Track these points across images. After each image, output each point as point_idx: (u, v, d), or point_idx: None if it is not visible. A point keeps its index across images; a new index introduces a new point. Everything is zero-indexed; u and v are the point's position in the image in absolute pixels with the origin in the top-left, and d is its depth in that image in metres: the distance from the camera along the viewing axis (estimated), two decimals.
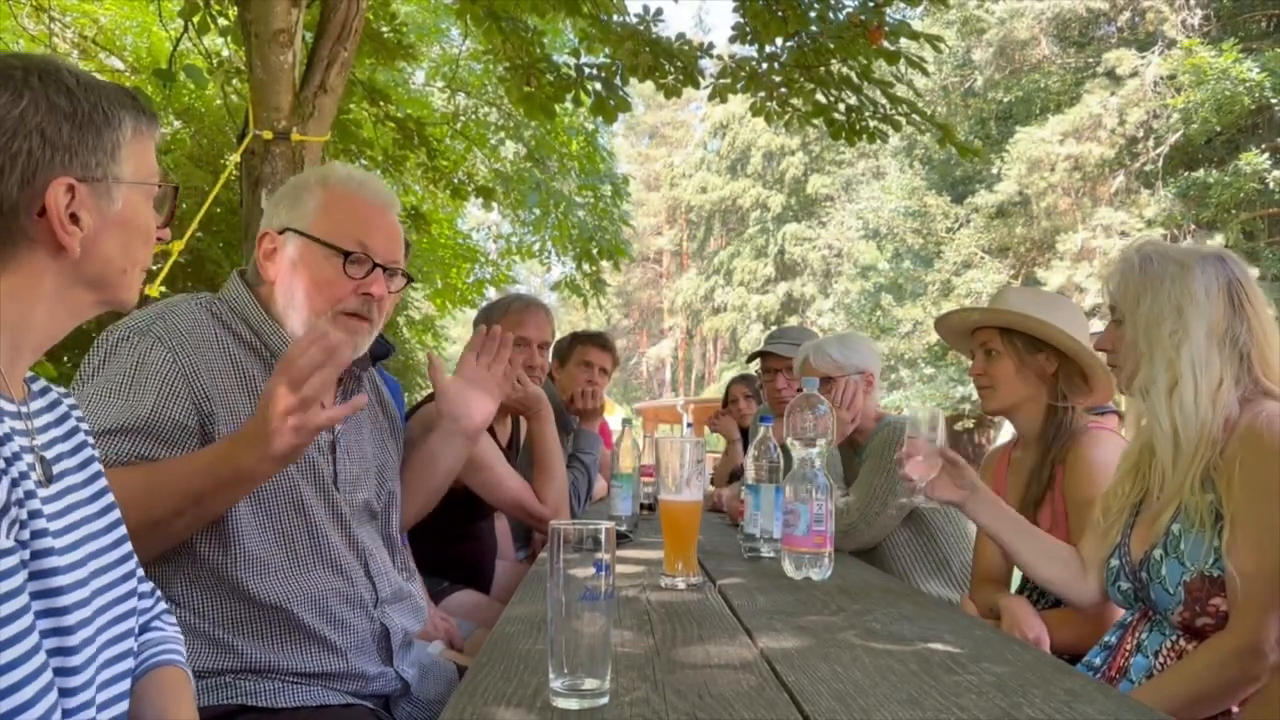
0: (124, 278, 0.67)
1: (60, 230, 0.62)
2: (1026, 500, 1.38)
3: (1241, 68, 12.87)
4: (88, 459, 0.70)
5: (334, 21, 2.68)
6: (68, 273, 0.64)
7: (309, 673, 0.93)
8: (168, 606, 0.78)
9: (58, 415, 0.69)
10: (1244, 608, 0.94)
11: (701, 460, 1.15)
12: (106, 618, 0.65)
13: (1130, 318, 1.06)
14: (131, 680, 0.69)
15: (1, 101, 0.61)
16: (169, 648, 0.74)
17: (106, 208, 0.65)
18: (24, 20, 4.97)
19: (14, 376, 0.63)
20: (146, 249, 0.69)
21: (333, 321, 0.99)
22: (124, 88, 0.69)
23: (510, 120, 6.80)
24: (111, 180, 0.65)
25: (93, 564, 0.64)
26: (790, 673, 0.75)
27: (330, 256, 1.00)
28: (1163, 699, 0.93)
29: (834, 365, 1.81)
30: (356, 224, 1.01)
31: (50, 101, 0.62)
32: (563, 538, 0.65)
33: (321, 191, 1.03)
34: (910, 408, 1.25)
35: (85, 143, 0.63)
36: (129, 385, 0.89)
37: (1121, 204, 14.95)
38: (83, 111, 0.63)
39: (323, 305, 1.00)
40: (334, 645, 0.95)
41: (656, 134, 33.12)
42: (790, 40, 3.52)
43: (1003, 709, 0.67)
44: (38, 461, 0.62)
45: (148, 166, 0.69)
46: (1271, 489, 0.93)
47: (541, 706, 0.65)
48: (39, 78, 0.63)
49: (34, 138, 0.61)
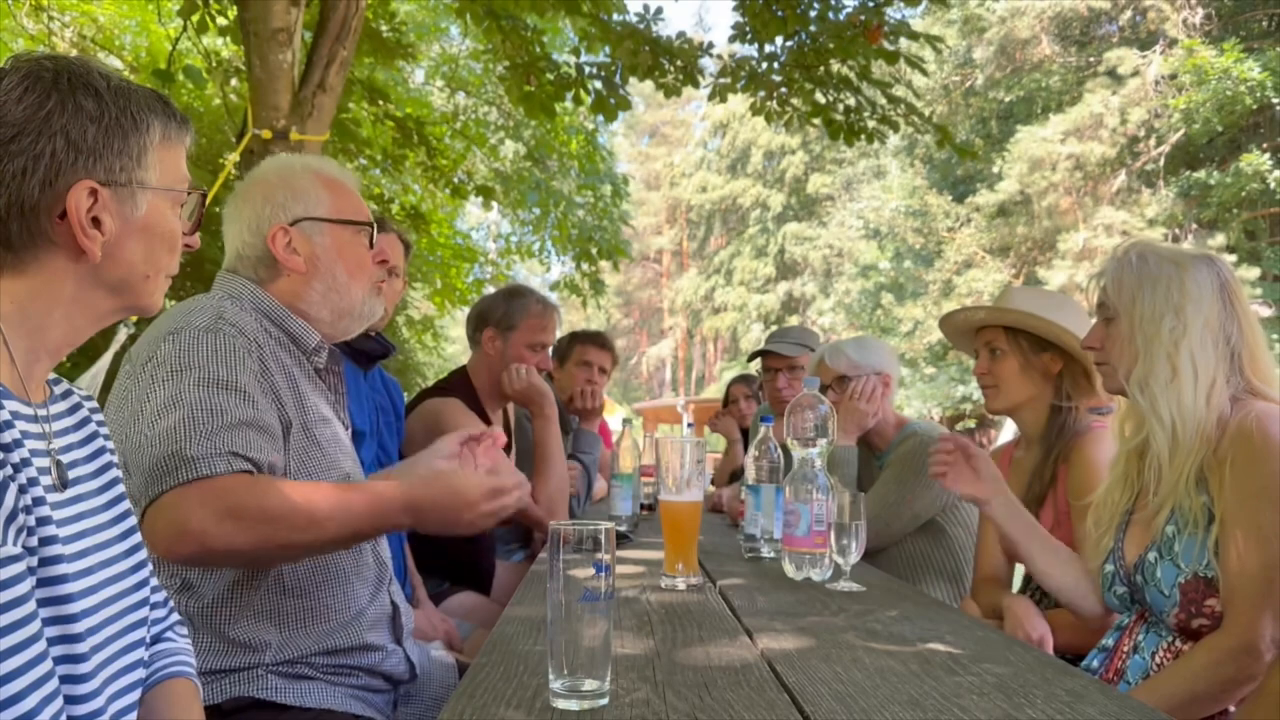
0: (146, 284, 0.66)
1: (81, 234, 0.61)
2: (1028, 499, 1.37)
3: (1243, 67, 12.87)
4: (105, 465, 0.69)
5: (333, 20, 2.67)
6: (88, 277, 0.63)
7: (336, 648, 0.93)
8: (180, 619, 0.78)
9: (78, 419, 0.69)
10: (1237, 607, 0.94)
11: (702, 460, 1.14)
12: (117, 626, 0.64)
13: (1127, 314, 1.06)
14: (142, 691, 0.68)
15: (29, 102, 0.60)
16: (180, 659, 0.73)
17: (130, 213, 0.64)
18: (23, 19, 4.97)
19: (32, 379, 0.62)
20: (172, 255, 0.68)
21: (375, 293, 1.06)
22: (156, 92, 0.68)
23: (510, 119, 6.80)
24: (136, 185, 0.64)
25: (103, 572, 0.64)
26: (791, 674, 0.75)
27: (359, 233, 1.05)
28: (1160, 699, 0.93)
29: (851, 365, 1.80)
30: (360, 203, 1.07)
31: (77, 104, 0.62)
32: (563, 538, 0.65)
33: (317, 178, 1.05)
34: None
35: (111, 147, 0.63)
36: (232, 380, 0.87)
37: (1123, 203, 14.95)
38: (110, 115, 0.63)
39: (365, 279, 1.05)
40: (357, 618, 0.96)
41: (656, 133, 33.11)
42: (790, 40, 3.52)
43: (1004, 710, 0.67)
44: (53, 466, 0.61)
45: (175, 172, 0.68)
46: (1260, 488, 0.94)
47: (541, 708, 0.65)
48: (69, 79, 0.62)
49: (58, 140, 0.60)
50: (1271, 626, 0.92)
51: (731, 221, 26.52)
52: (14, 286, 0.62)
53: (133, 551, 0.69)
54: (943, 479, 1.21)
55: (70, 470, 0.64)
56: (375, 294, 1.08)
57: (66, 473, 0.63)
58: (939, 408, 15.14)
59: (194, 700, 0.72)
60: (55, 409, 0.66)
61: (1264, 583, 0.92)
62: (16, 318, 0.61)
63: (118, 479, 0.70)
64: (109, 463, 0.70)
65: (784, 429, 1.27)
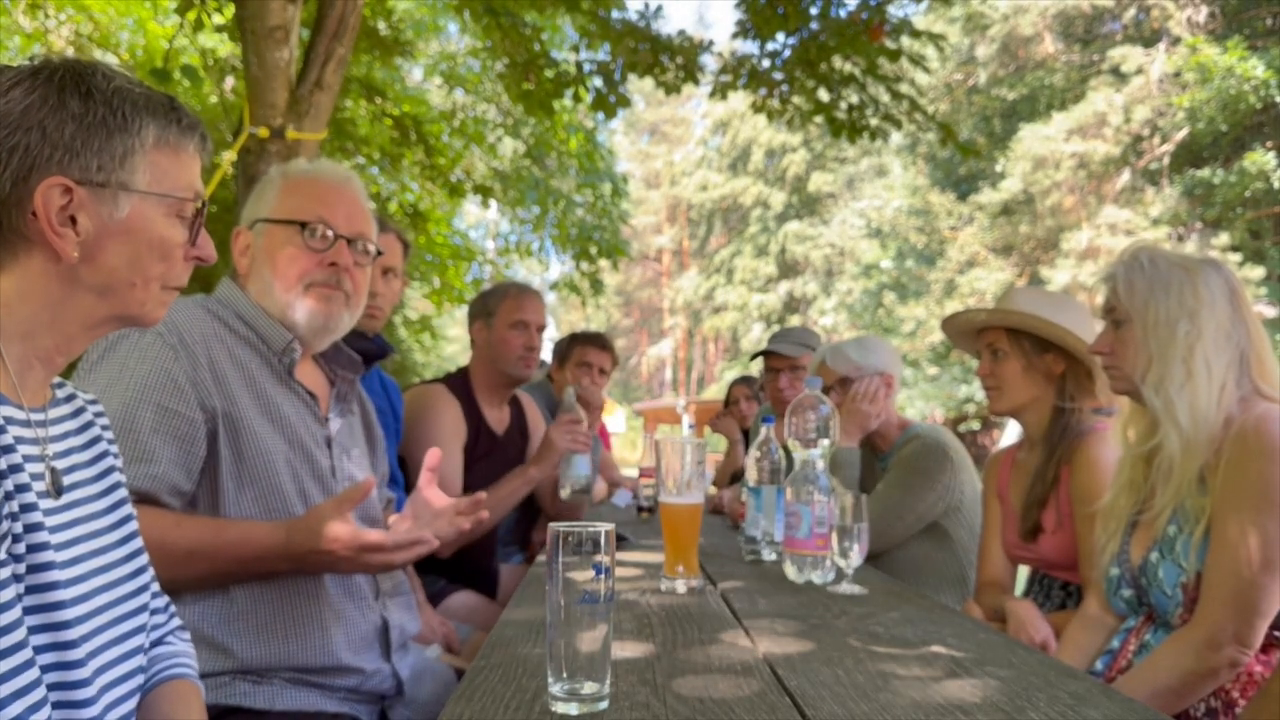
0: (134, 291, 0.64)
1: (49, 230, 0.60)
2: (1031, 500, 1.37)
3: (1247, 65, 12.83)
4: (107, 469, 0.68)
5: (330, 18, 2.66)
6: (68, 277, 0.62)
7: (307, 667, 0.93)
8: (181, 623, 0.77)
9: (80, 424, 0.68)
10: (1205, 600, 0.96)
11: (702, 462, 1.13)
12: (113, 633, 0.63)
13: (1140, 318, 1.06)
14: (141, 694, 0.67)
15: (13, 96, 0.60)
16: (180, 661, 0.73)
17: (109, 214, 0.62)
18: (19, 17, 4.96)
19: (25, 383, 0.61)
20: (164, 264, 0.66)
21: (304, 295, 1.01)
22: (165, 98, 0.66)
23: (509, 117, 6.78)
24: (117, 186, 0.63)
25: (98, 579, 0.63)
26: (792, 677, 0.74)
27: (290, 232, 1.01)
28: (1128, 693, 0.93)
29: (852, 366, 1.79)
30: (314, 200, 1.03)
31: (62, 101, 0.61)
32: (562, 540, 0.64)
33: (280, 180, 1.05)
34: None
35: (90, 145, 0.61)
36: (133, 381, 0.89)
37: (1127, 202, 14.92)
38: (95, 114, 0.61)
39: (291, 279, 1.00)
40: (333, 638, 0.95)
41: (656, 131, 33.07)
42: (791, 36, 3.51)
43: (1006, 713, 0.66)
44: (48, 472, 0.61)
45: (173, 179, 0.66)
46: (1246, 486, 0.95)
47: (540, 711, 0.64)
48: (64, 78, 0.61)
49: (34, 134, 0.60)
50: (1235, 621, 0.94)
51: (732, 220, 26.50)
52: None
53: (132, 557, 0.68)
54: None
55: (69, 475, 0.63)
56: (316, 298, 1.00)
57: (62, 479, 0.62)
58: (941, 408, 15.12)
59: (195, 700, 0.71)
60: (55, 413, 0.65)
61: (1235, 579, 0.94)
62: (6, 320, 0.60)
63: (120, 483, 0.70)
64: (111, 466, 0.69)
65: (785, 430, 1.26)
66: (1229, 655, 0.94)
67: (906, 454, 1.70)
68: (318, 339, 1.04)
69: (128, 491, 0.71)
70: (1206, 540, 0.98)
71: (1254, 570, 0.93)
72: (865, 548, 1.16)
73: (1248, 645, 0.94)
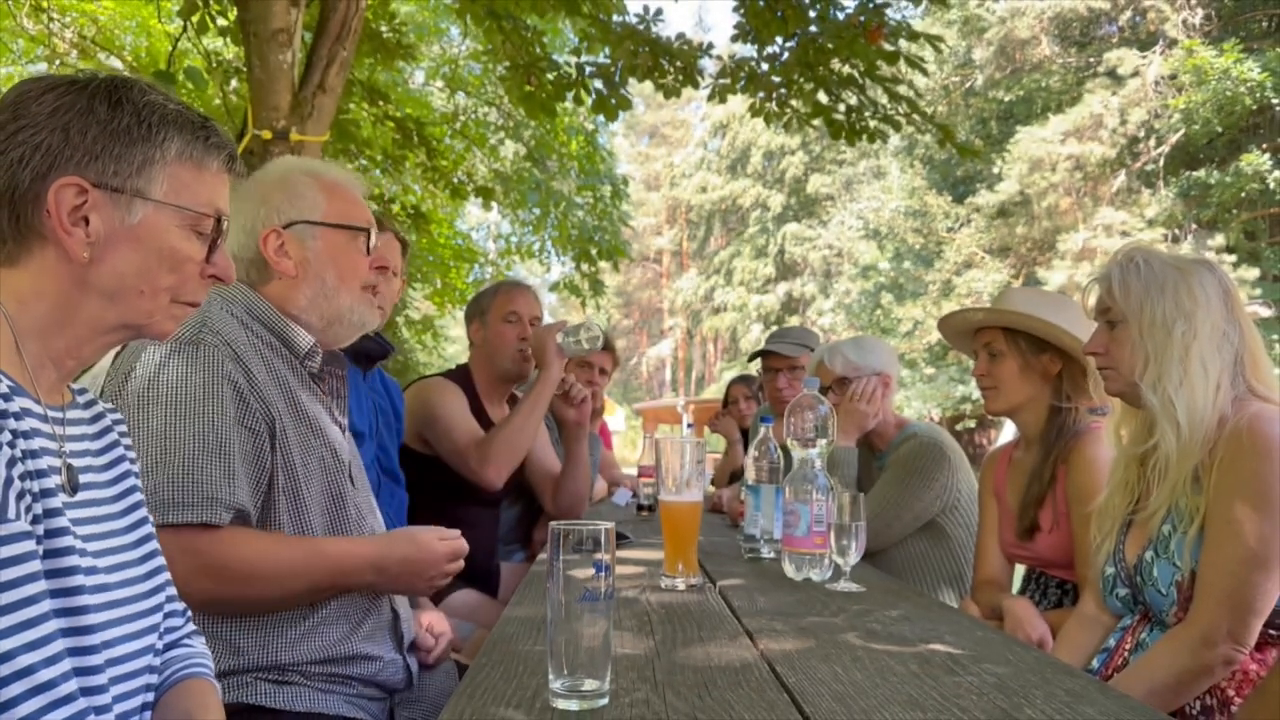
0: (141, 299, 0.65)
1: (59, 227, 0.61)
2: (1028, 500, 1.37)
3: (1242, 68, 12.87)
4: (122, 474, 0.69)
5: (333, 21, 2.67)
6: (79, 279, 0.63)
7: (323, 658, 0.93)
8: (197, 629, 0.78)
9: (98, 428, 0.69)
10: (1200, 598, 0.97)
11: (702, 461, 1.14)
12: (128, 629, 0.64)
13: (1136, 319, 1.06)
14: (156, 694, 0.68)
15: (45, 99, 0.62)
16: (197, 662, 0.73)
17: (121, 219, 0.64)
18: (23, 19, 4.97)
19: (40, 381, 0.62)
20: (175, 276, 0.66)
21: (361, 297, 1.06)
22: (200, 116, 0.68)
23: (510, 120, 6.80)
24: (133, 193, 0.64)
25: (117, 575, 0.64)
26: (791, 674, 0.75)
27: (354, 238, 1.05)
28: (1124, 691, 0.94)
29: (850, 367, 1.80)
30: (360, 207, 1.08)
31: (90, 107, 0.63)
32: (562, 538, 0.65)
33: (316, 182, 1.05)
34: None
35: (110, 150, 0.63)
36: (202, 411, 0.87)
37: (1123, 204, 14.95)
38: (120, 122, 0.63)
39: (356, 285, 1.05)
40: (351, 628, 0.96)
41: (656, 133, 33.10)
42: (790, 40, 3.52)
43: (1003, 710, 0.67)
44: (64, 469, 0.61)
45: (191, 193, 0.67)
46: (1239, 484, 0.96)
47: (541, 708, 0.65)
48: (98, 87, 0.63)
49: (57, 135, 0.61)
50: (1230, 619, 0.94)
51: (731, 222, 26.52)
52: (13, 280, 0.62)
53: (147, 559, 0.69)
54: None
55: (82, 475, 0.64)
56: (367, 302, 1.07)
57: (77, 477, 0.63)
58: (939, 408, 15.14)
59: (212, 698, 0.72)
60: (73, 415, 0.66)
61: (1230, 576, 0.94)
62: (20, 316, 0.62)
63: (135, 487, 0.70)
64: (127, 471, 0.70)
65: (784, 429, 1.27)
66: (1224, 653, 0.94)
67: (904, 453, 1.71)
68: (349, 338, 1.08)
69: (196, 511, 0.76)
70: (1201, 539, 0.99)
71: (1248, 568, 0.93)
72: (863, 546, 1.16)
73: (1242, 643, 0.95)
